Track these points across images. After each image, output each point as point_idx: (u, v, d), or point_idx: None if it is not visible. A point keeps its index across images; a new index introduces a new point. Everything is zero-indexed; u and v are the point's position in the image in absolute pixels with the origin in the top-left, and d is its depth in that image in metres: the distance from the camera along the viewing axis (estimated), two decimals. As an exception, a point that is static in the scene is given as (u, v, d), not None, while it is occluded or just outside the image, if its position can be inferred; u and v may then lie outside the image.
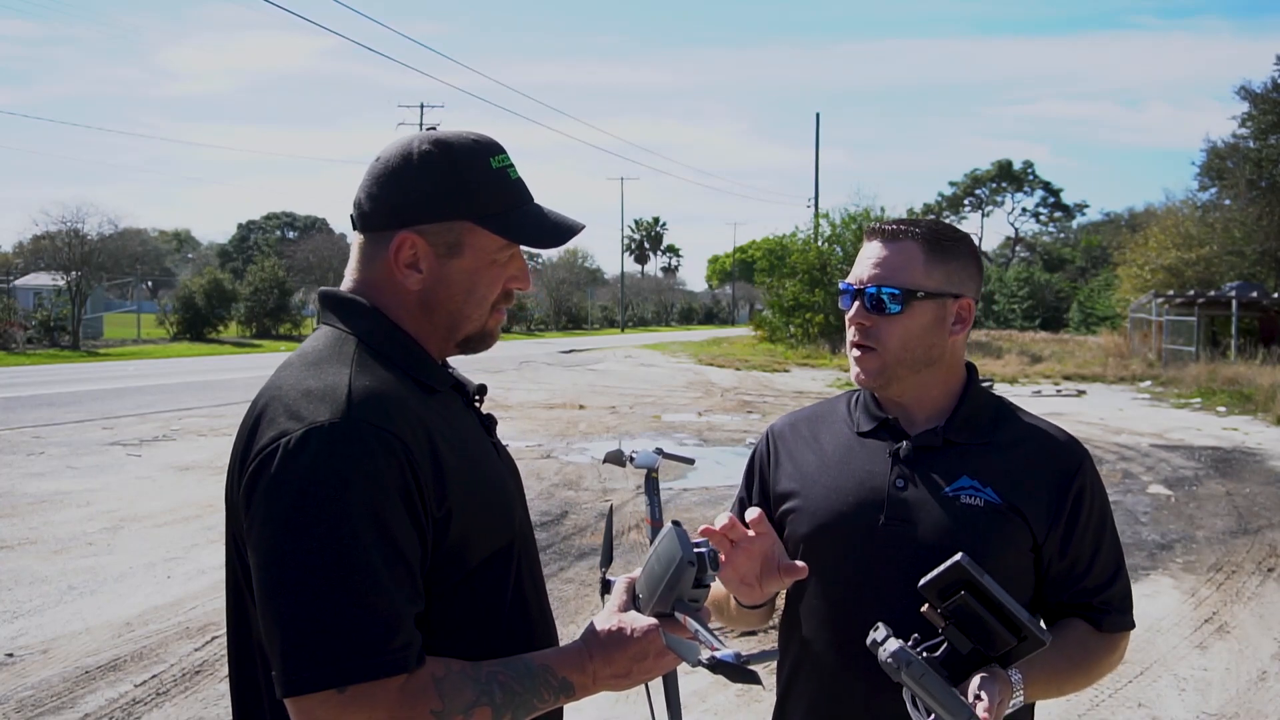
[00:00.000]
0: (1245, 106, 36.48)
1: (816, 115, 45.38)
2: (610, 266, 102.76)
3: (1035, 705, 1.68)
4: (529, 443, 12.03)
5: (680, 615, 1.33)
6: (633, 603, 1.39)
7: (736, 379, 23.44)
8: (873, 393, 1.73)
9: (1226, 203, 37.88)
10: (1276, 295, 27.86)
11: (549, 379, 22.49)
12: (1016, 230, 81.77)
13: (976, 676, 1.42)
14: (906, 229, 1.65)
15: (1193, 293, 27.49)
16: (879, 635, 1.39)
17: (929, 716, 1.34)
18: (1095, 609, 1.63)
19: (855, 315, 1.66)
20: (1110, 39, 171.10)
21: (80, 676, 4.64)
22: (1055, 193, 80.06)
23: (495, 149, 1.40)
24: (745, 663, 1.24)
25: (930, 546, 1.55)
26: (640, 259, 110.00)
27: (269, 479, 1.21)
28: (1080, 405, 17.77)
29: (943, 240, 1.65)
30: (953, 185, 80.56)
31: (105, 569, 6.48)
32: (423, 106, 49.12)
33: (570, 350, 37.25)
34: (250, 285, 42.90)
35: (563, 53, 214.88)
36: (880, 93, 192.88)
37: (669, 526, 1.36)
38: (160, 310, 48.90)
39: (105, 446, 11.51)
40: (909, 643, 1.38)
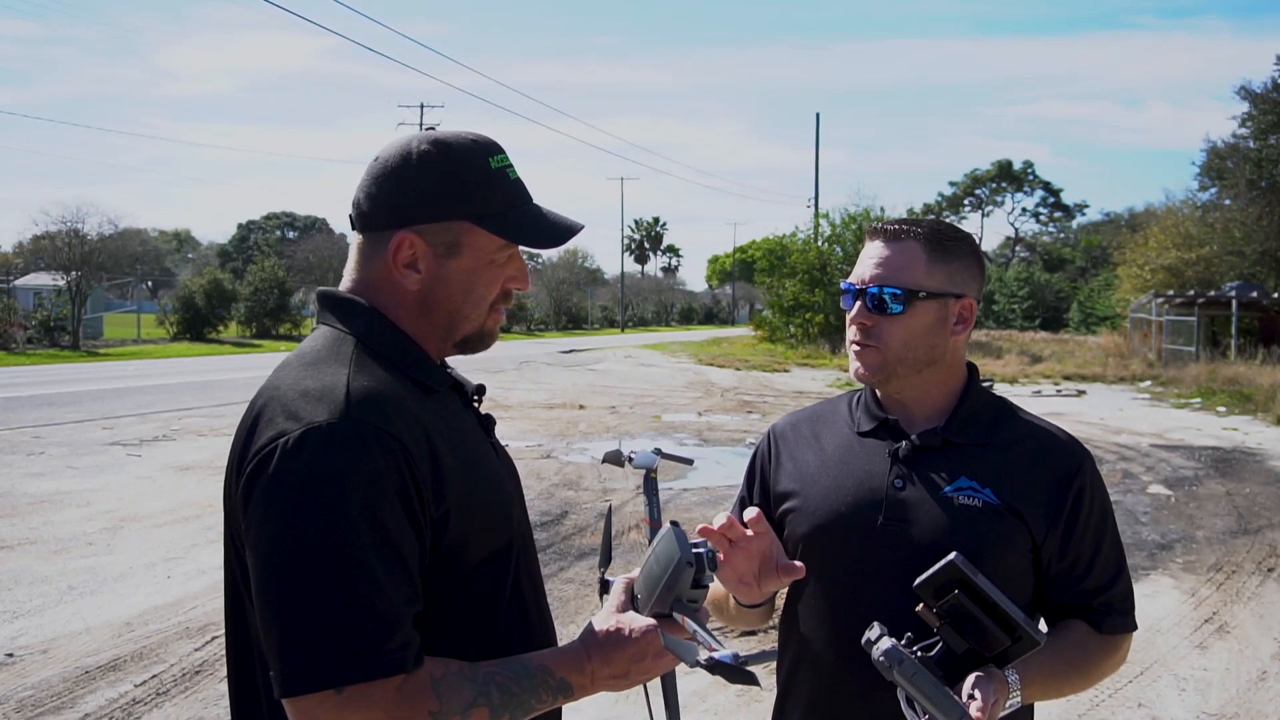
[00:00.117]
0: (1245, 106, 36.53)
1: (816, 115, 45.46)
2: (610, 266, 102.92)
3: (1035, 705, 1.67)
4: (529, 443, 12.03)
5: (678, 616, 1.33)
6: (631, 603, 1.39)
7: (736, 379, 23.44)
8: (874, 392, 1.73)
9: (1226, 203, 37.88)
10: (1276, 295, 27.86)
11: (549, 379, 22.49)
12: (1016, 230, 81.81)
13: (972, 676, 1.41)
14: (908, 229, 1.65)
15: (1193, 293, 27.49)
16: (873, 634, 1.39)
17: (923, 716, 1.34)
18: (1095, 610, 1.63)
19: (857, 315, 1.65)
20: (1110, 39, 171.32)
21: (80, 676, 4.64)
22: (1055, 193, 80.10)
23: (494, 149, 1.40)
24: (743, 663, 1.25)
25: (928, 547, 1.54)
26: (640, 259, 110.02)
27: (267, 479, 1.21)
28: (1080, 405, 17.77)
29: (945, 240, 1.65)
30: (953, 185, 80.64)
31: (105, 569, 6.48)
32: (423, 106, 49.18)
33: (570, 350, 37.26)
34: (250, 285, 42.90)
35: (563, 53, 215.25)
36: (880, 93, 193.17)
37: (667, 527, 1.36)
38: (160, 310, 48.90)
39: (105, 446, 11.51)
40: (903, 642, 1.38)
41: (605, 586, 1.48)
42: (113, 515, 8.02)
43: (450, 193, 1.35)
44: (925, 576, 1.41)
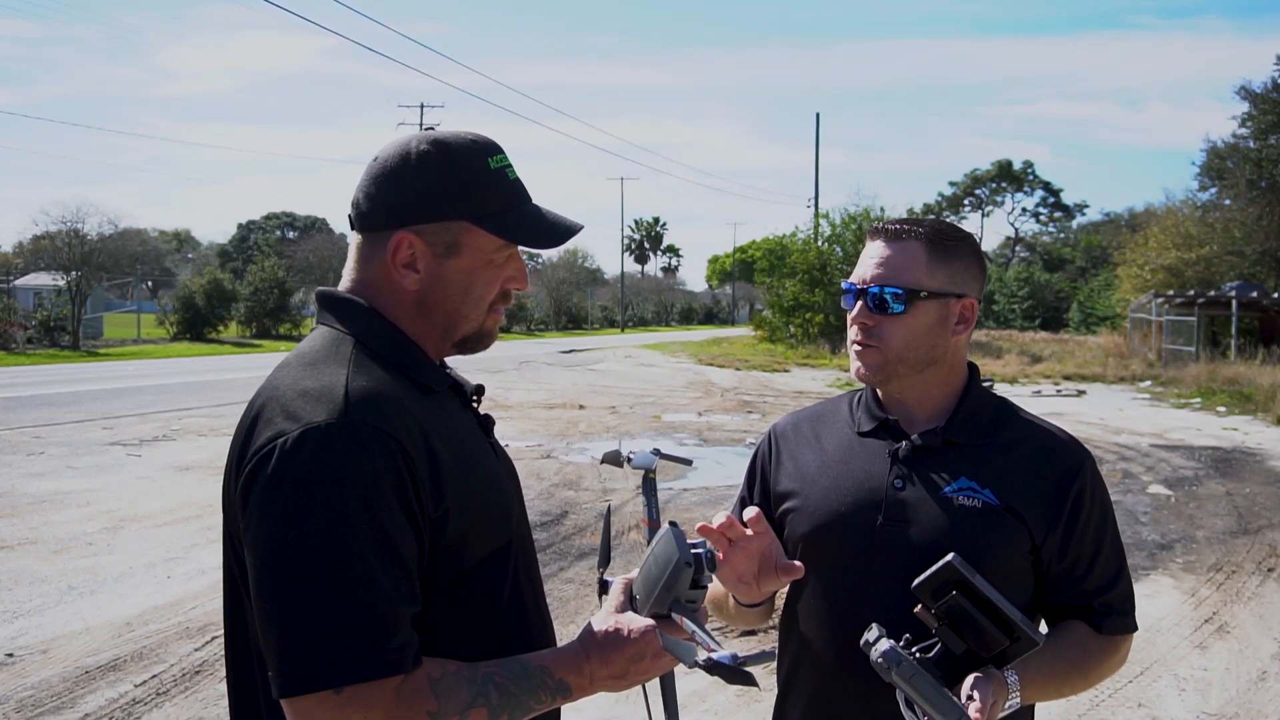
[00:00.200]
0: (1245, 106, 36.53)
1: (816, 115, 45.49)
2: (610, 266, 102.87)
3: (1035, 706, 1.67)
4: (529, 443, 12.03)
5: (677, 616, 1.33)
6: (630, 604, 1.38)
7: (736, 379, 23.44)
8: (875, 392, 1.72)
9: (1226, 203, 37.88)
10: (1276, 295, 27.86)
11: (549, 379, 22.49)
12: (1016, 230, 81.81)
13: (970, 677, 1.41)
14: (910, 229, 1.65)
15: (1193, 293, 27.49)
16: (871, 636, 1.39)
17: (922, 718, 1.34)
18: (1096, 611, 1.62)
19: (858, 315, 1.65)
20: (1110, 39, 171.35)
21: (80, 676, 4.64)
22: (1055, 193, 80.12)
23: (493, 149, 1.40)
24: (742, 664, 1.24)
25: (927, 547, 1.54)
26: (640, 259, 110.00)
27: (265, 479, 1.20)
28: (1080, 405, 17.77)
29: (946, 240, 1.65)
30: (953, 185, 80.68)
31: (105, 569, 6.48)
32: (423, 106, 49.17)
33: (570, 350, 37.25)
34: (250, 285, 42.89)
35: (563, 53, 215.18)
36: (880, 93, 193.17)
37: (666, 528, 1.36)
38: (160, 310, 48.88)
39: (105, 446, 11.51)
40: (901, 643, 1.38)
41: (604, 587, 1.48)
42: (113, 515, 8.02)
43: (449, 193, 1.35)
44: (923, 578, 1.41)
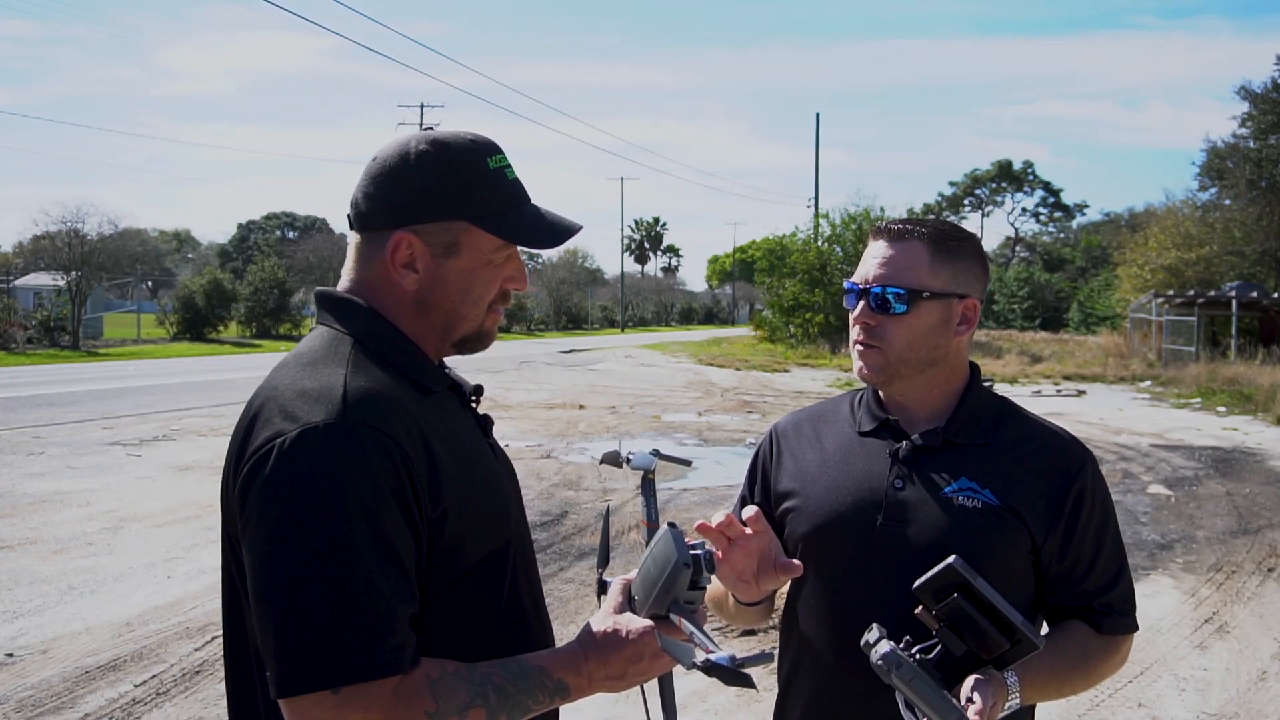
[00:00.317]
0: (1245, 106, 36.53)
1: (816, 115, 45.53)
2: (610, 266, 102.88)
3: (1035, 706, 1.67)
4: (529, 443, 12.03)
5: (675, 617, 1.33)
6: (628, 604, 1.38)
7: (736, 379, 23.44)
8: (875, 392, 1.72)
9: (1226, 203, 37.88)
10: (1276, 295, 27.86)
11: (549, 379, 22.48)
12: (1016, 230, 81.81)
13: (970, 679, 1.41)
14: (912, 229, 1.64)
15: (1193, 293, 27.49)
16: (871, 637, 1.39)
17: (921, 719, 1.34)
18: (1096, 611, 1.62)
19: (860, 315, 1.64)
20: (1110, 39, 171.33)
21: (80, 676, 4.64)
22: (1055, 193, 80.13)
23: (492, 149, 1.40)
24: (740, 665, 1.24)
25: (926, 548, 1.54)
26: (640, 259, 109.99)
27: (263, 479, 1.20)
28: (1080, 405, 17.77)
29: (948, 240, 1.64)
30: (953, 185, 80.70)
31: (105, 569, 6.48)
32: (423, 106, 49.15)
33: (570, 350, 37.25)
34: (250, 285, 42.89)
35: (563, 53, 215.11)
36: (880, 93, 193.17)
37: (664, 528, 1.36)
38: (160, 310, 48.87)
39: (105, 446, 11.50)
40: (901, 645, 1.38)
41: (603, 587, 1.47)
42: (113, 515, 8.02)
43: (448, 193, 1.35)
44: (924, 579, 1.41)
